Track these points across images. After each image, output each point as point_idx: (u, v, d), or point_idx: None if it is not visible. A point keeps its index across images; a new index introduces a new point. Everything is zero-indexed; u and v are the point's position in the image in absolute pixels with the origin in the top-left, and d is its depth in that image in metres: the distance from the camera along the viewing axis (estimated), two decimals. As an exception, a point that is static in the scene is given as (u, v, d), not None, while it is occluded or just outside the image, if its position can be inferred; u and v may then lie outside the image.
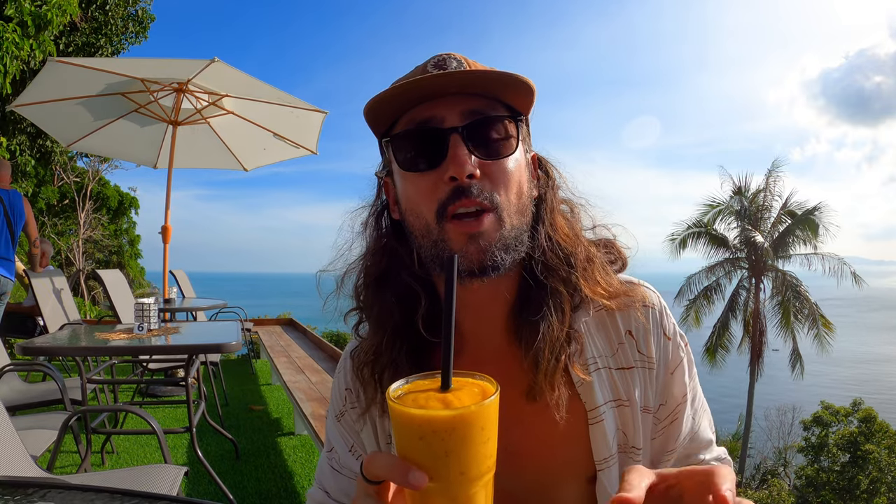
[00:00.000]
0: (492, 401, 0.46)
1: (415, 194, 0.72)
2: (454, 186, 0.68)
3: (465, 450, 0.45)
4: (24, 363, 3.52)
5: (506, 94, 0.72)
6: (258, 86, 4.75)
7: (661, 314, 0.79)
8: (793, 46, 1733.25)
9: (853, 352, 50.16)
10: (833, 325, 16.75)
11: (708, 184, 72.81)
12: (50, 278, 4.56)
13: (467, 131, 0.69)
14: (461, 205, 0.68)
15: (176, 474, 1.79)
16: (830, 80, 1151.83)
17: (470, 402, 0.46)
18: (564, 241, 0.75)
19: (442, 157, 0.69)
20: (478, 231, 0.68)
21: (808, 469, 14.91)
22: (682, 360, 0.79)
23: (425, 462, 0.45)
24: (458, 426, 0.45)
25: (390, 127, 0.75)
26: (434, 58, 0.74)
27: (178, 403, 4.14)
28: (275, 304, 53.17)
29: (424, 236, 0.72)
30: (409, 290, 0.76)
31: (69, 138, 5.40)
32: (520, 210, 0.72)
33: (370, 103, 0.72)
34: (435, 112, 0.71)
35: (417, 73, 0.74)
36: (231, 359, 7.29)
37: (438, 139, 0.69)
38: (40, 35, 6.68)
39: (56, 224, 15.66)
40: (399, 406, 0.46)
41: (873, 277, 46.99)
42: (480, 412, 0.45)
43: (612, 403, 0.75)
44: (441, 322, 0.76)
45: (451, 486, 0.46)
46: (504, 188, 0.70)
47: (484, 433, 0.46)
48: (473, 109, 0.70)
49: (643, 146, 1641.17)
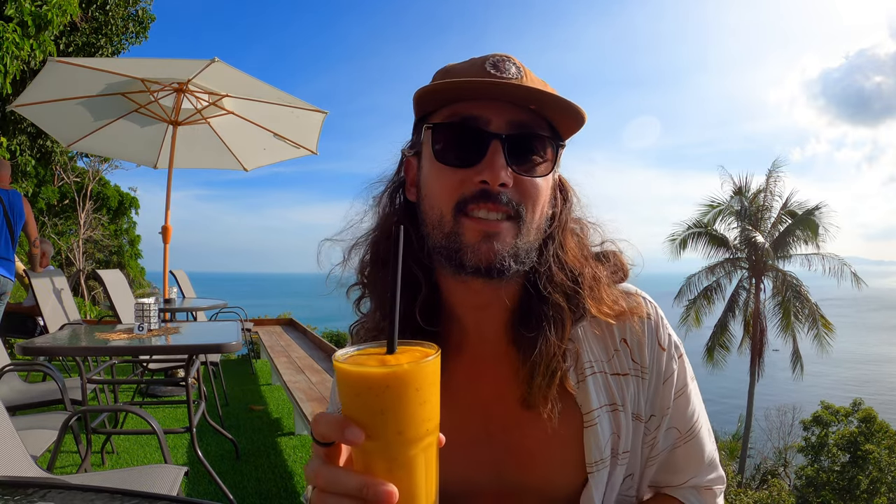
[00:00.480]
0: (427, 362, 0.47)
1: (439, 184, 0.72)
2: (482, 189, 0.69)
3: (400, 409, 0.46)
4: (24, 363, 3.52)
5: (554, 115, 0.72)
6: (258, 86, 4.75)
7: (656, 325, 0.79)
8: (793, 46, 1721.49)
9: (853, 352, 50.17)
10: (833, 326, 16.75)
11: (708, 184, 72.81)
12: (50, 278, 4.56)
13: (510, 141, 0.69)
14: (485, 208, 0.69)
15: (176, 474, 1.79)
16: (830, 80, 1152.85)
17: (405, 361, 0.47)
18: (573, 261, 0.76)
19: (478, 158, 0.69)
20: (496, 231, 0.69)
21: (808, 469, 14.90)
22: (675, 372, 0.79)
23: (363, 419, 0.46)
24: (391, 384, 0.46)
25: (430, 112, 0.75)
26: (492, 57, 0.73)
27: (178, 403, 4.14)
28: (275, 304, 53.16)
29: (436, 227, 0.72)
30: (411, 277, 0.76)
31: (69, 138, 5.40)
32: (538, 227, 0.73)
33: (421, 92, 0.72)
34: (482, 112, 0.70)
35: (474, 69, 0.73)
36: (231, 359, 7.29)
37: (480, 140, 0.70)
38: (40, 35, 6.68)
39: (56, 224, 15.65)
40: (340, 365, 0.48)
41: (873, 277, 47.06)
42: (414, 372, 0.46)
43: (607, 407, 0.75)
44: (439, 312, 0.78)
45: (389, 446, 0.47)
46: (531, 203, 0.71)
47: (420, 394, 0.47)
48: (521, 121, 0.70)
49: (643, 146, 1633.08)
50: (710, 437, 0.83)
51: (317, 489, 0.48)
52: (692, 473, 0.81)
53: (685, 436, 0.80)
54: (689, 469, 0.81)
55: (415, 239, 0.76)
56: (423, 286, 0.76)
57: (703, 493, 0.83)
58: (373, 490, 0.45)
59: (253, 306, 9.76)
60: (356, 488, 0.46)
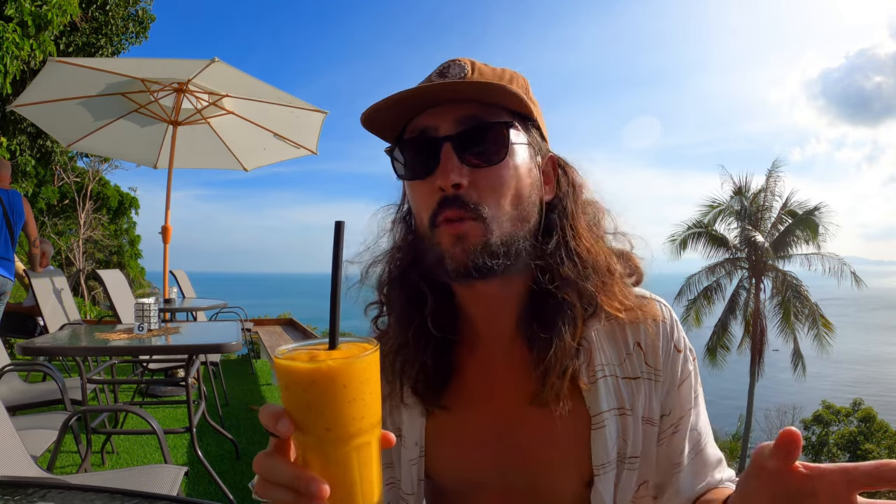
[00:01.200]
0: (356, 359, 0.46)
1: (414, 201, 0.74)
2: (441, 196, 0.69)
3: (326, 405, 0.46)
4: (24, 363, 3.52)
5: (503, 99, 0.71)
6: (258, 86, 4.75)
7: (671, 328, 0.78)
8: (794, 46, 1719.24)
9: (853, 352, 50.16)
10: (833, 326, 16.75)
11: (708, 184, 72.70)
12: (50, 278, 4.56)
13: (459, 139, 0.69)
14: (446, 215, 0.69)
15: (176, 474, 1.79)
16: (831, 80, 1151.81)
17: (335, 357, 0.47)
18: (586, 250, 0.74)
19: (434, 165, 0.69)
20: (461, 232, 0.69)
21: (808, 469, 14.88)
22: (691, 374, 0.79)
23: (292, 412, 0.46)
24: (317, 380, 0.45)
25: (400, 134, 0.76)
26: (441, 65, 0.75)
27: (178, 403, 4.14)
28: (275, 304, 53.18)
29: (424, 239, 0.74)
30: (418, 291, 0.77)
31: (69, 138, 5.40)
32: (517, 217, 0.71)
33: (366, 113, 0.72)
34: (430, 121, 0.71)
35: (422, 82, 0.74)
36: (231, 359, 7.28)
37: (432, 147, 0.70)
38: (40, 35, 6.68)
39: (56, 224, 15.65)
40: (276, 358, 0.48)
41: (873, 277, 46.99)
42: (341, 369, 0.46)
43: (615, 411, 0.75)
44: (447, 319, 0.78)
45: (320, 443, 0.47)
46: (494, 196, 0.69)
47: (347, 392, 0.46)
48: (468, 116, 0.70)
49: (643, 146, 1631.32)
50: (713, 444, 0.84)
51: (259, 477, 0.49)
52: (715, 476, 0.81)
53: (704, 437, 0.81)
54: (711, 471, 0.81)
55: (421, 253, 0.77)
56: (430, 297, 0.77)
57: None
58: (304, 483, 0.46)
59: (253, 306, 9.77)
60: (289, 479, 0.46)
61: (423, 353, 0.77)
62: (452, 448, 0.79)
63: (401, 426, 0.82)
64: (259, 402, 5.00)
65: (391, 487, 0.84)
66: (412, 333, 0.77)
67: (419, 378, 0.77)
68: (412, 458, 0.80)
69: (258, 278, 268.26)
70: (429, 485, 0.83)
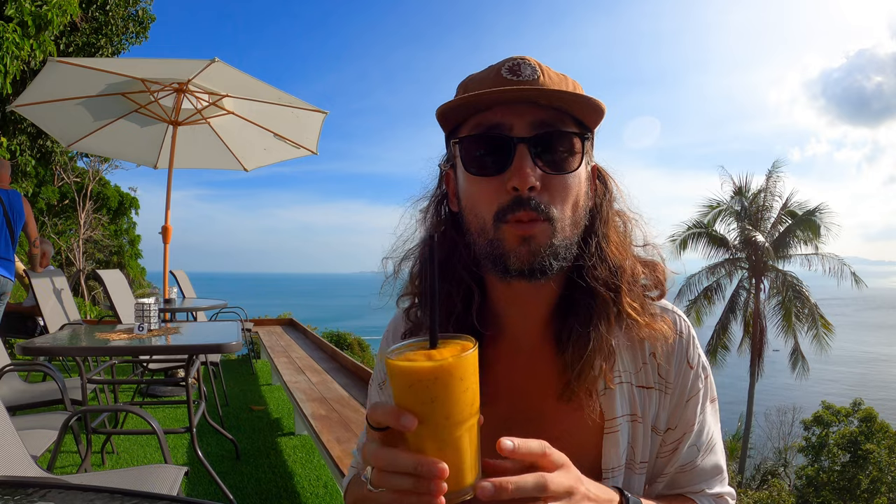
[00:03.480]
0: (467, 355, 0.54)
1: (476, 195, 0.74)
2: (515, 196, 0.70)
3: (447, 397, 0.53)
4: (24, 363, 3.52)
5: (575, 109, 0.73)
6: (258, 86, 4.75)
7: (687, 343, 0.80)
8: (794, 46, 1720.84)
9: (854, 352, 50.16)
10: (832, 326, 16.74)
11: (708, 184, 72.66)
12: (50, 278, 4.56)
13: (534, 143, 0.70)
14: (518, 216, 0.70)
15: (176, 474, 1.79)
16: (831, 80, 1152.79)
17: (449, 355, 0.54)
18: (614, 254, 0.77)
19: (506, 164, 0.71)
20: (531, 234, 0.70)
21: (809, 469, 14.90)
22: (700, 391, 0.80)
23: (415, 408, 0.53)
24: (439, 376, 0.53)
25: (459, 125, 0.77)
26: (508, 61, 0.75)
27: (179, 403, 4.14)
28: (275, 304, 53.17)
29: (480, 234, 0.74)
30: (465, 285, 0.79)
31: (69, 138, 5.40)
32: (574, 222, 0.74)
33: (442, 109, 0.74)
34: (504, 119, 0.72)
35: (491, 76, 0.74)
36: (231, 359, 7.28)
37: (505, 147, 0.71)
38: (40, 35, 6.68)
39: (56, 224, 15.65)
40: (392, 361, 0.54)
41: (873, 277, 46.99)
42: (458, 364, 0.53)
43: (628, 417, 0.77)
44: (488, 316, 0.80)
45: (438, 430, 0.54)
46: (562, 202, 0.72)
47: (463, 383, 0.54)
48: (543, 121, 0.71)
49: (643, 146, 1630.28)
50: (722, 456, 0.85)
51: (376, 469, 0.55)
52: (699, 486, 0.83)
53: (702, 452, 0.82)
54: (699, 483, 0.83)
55: (462, 247, 0.79)
56: (476, 293, 0.79)
57: (717, 500, 0.84)
58: (426, 467, 0.52)
59: (253, 306, 9.75)
60: (412, 466, 0.53)
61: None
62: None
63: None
64: (259, 402, 5.01)
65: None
66: (451, 328, 0.78)
67: None
68: None
69: (258, 278, 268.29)
70: None
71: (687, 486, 0.82)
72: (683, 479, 0.82)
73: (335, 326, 12.18)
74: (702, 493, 0.83)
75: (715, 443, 0.84)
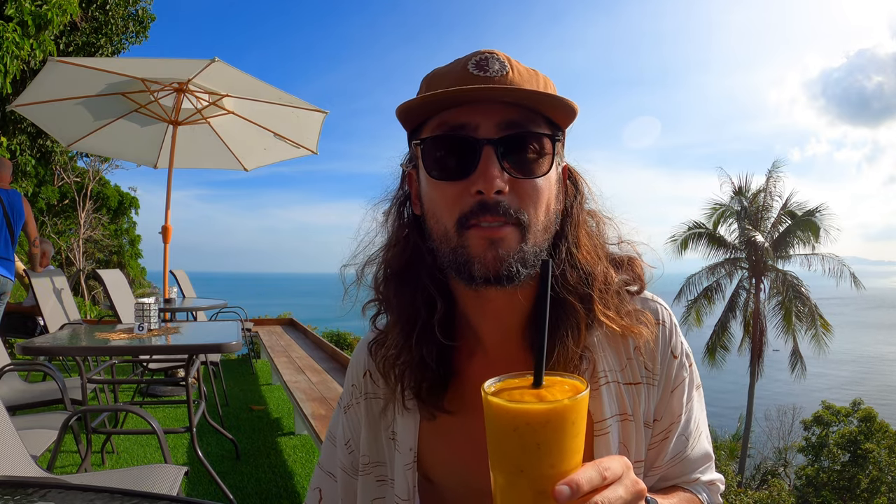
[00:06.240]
0: (583, 396, 0.48)
1: (438, 200, 0.70)
2: (479, 200, 0.66)
3: (556, 442, 0.47)
4: (24, 363, 3.52)
5: (547, 108, 0.69)
6: (258, 86, 4.75)
7: (670, 332, 0.78)
8: (794, 46, 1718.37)
9: (854, 352, 50.18)
10: (831, 326, 16.74)
11: (708, 184, 72.66)
12: (50, 278, 4.56)
13: (502, 144, 0.66)
14: (484, 220, 0.66)
15: (176, 474, 1.79)
16: (831, 80, 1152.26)
17: (562, 396, 0.48)
18: (585, 259, 0.74)
19: (472, 167, 0.66)
20: (498, 237, 0.66)
21: (809, 469, 14.91)
22: (685, 380, 0.78)
23: (516, 453, 0.47)
24: (552, 419, 0.47)
25: (421, 124, 0.73)
26: (475, 55, 0.70)
27: (179, 403, 4.14)
28: (275, 304, 53.15)
29: (443, 242, 0.70)
30: (427, 294, 0.75)
31: (69, 138, 5.40)
32: (545, 227, 0.70)
33: (403, 107, 0.69)
34: (469, 118, 0.67)
35: (457, 71, 0.70)
36: (231, 359, 7.28)
37: (470, 148, 0.67)
38: (40, 35, 6.68)
39: (56, 224, 15.66)
40: (496, 400, 0.48)
41: (873, 278, 46.73)
42: (573, 406, 0.47)
43: (617, 417, 0.75)
44: (454, 323, 0.78)
45: (540, 479, 0.47)
46: (532, 206, 0.68)
47: (574, 427, 0.48)
48: (511, 121, 0.67)
49: (643, 146, 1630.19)
50: (708, 442, 0.84)
51: None
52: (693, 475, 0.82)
53: (691, 442, 0.81)
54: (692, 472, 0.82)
55: (426, 252, 0.75)
56: (440, 302, 0.75)
57: (710, 486, 0.83)
58: None
59: (253, 306, 9.74)
60: None
61: (427, 357, 0.75)
62: (452, 452, 0.79)
63: (395, 430, 0.81)
64: (259, 402, 5.00)
65: (380, 484, 0.83)
66: (416, 337, 0.75)
67: (422, 382, 0.76)
68: (406, 464, 0.79)
69: (258, 278, 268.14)
70: (429, 489, 0.82)
71: (680, 476, 0.81)
72: (677, 470, 0.80)
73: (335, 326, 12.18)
74: (696, 481, 0.81)
75: (702, 430, 0.82)
